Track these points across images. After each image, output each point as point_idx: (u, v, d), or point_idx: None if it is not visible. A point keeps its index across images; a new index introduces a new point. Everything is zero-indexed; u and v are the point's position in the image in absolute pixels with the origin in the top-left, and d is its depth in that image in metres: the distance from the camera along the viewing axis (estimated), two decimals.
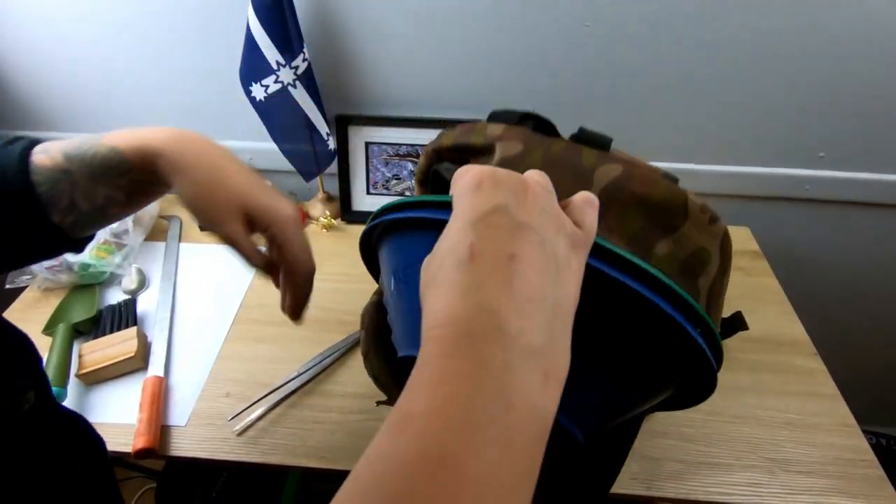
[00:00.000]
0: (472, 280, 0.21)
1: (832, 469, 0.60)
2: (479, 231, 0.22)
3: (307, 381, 0.70)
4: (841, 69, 0.80)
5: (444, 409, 0.18)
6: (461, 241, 0.22)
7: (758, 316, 0.79)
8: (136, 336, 0.71)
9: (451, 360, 0.19)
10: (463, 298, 0.20)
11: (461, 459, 0.17)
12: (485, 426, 0.18)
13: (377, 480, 0.18)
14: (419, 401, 0.19)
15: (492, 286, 0.20)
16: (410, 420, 0.19)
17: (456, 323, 0.20)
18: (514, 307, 0.20)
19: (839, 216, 0.96)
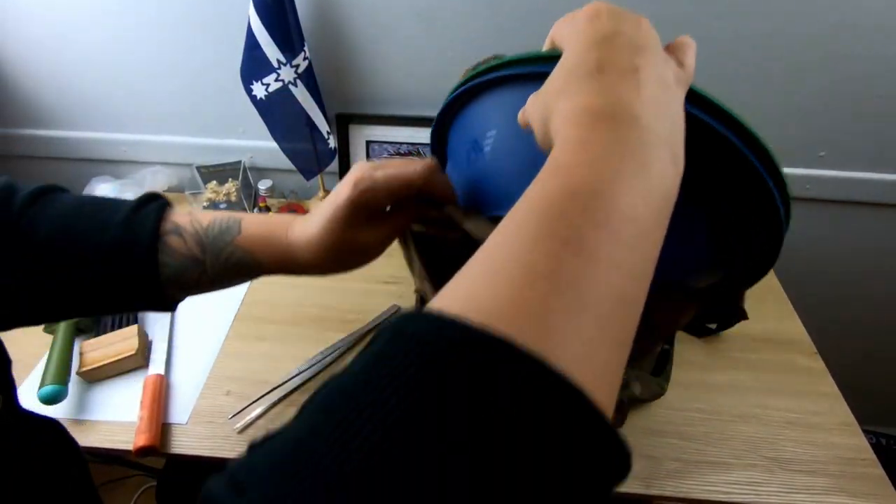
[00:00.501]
0: (603, 85, 0.23)
1: (832, 468, 0.60)
2: (603, 49, 0.24)
3: (308, 378, 0.70)
4: (842, 67, 0.80)
5: (592, 163, 0.21)
6: (588, 57, 0.24)
7: (758, 315, 0.78)
8: (136, 334, 0.71)
9: (594, 133, 0.22)
10: (599, 96, 0.23)
11: (609, 195, 0.20)
12: (628, 178, 0.21)
13: (530, 214, 0.20)
14: (565, 156, 0.22)
15: (623, 88, 0.23)
16: (558, 169, 0.22)
17: (594, 111, 0.23)
18: (645, 104, 0.23)
19: (840, 216, 0.96)
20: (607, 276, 0.19)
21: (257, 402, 0.66)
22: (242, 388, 0.68)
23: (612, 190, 0.20)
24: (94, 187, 0.93)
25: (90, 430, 0.64)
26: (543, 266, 0.18)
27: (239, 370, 0.71)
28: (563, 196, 0.20)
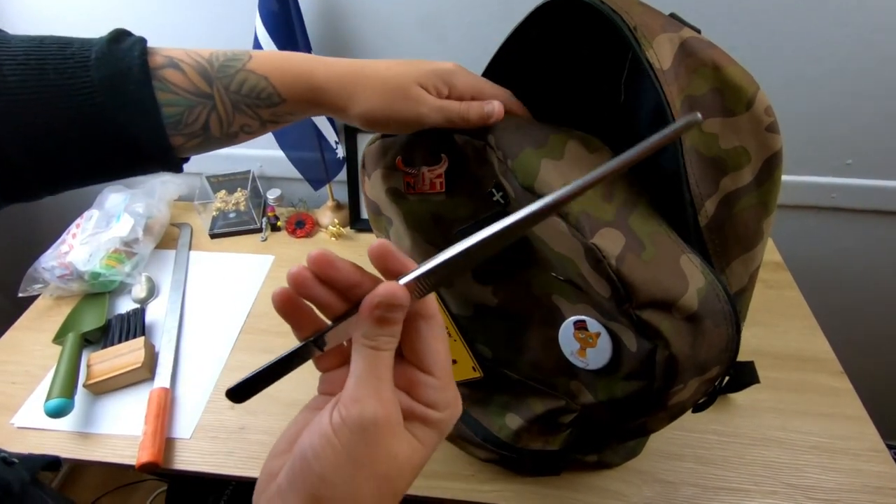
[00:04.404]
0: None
1: (860, 497, 0.57)
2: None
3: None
4: (870, 71, 0.76)
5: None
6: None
7: (780, 331, 0.76)
8: (143, 346, 0.71)
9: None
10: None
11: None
12: None
13: None
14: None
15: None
16: None
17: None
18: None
19: (867, 226, 0.92)
20: None
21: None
22: (247, 402, 0.67)
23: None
24: (105, 197, 0.94)
25: (95, 443, 0.64)
26: None
27: None
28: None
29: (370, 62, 0.39)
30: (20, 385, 0.70)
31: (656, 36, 0.34)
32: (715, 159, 0.35)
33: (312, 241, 0.95)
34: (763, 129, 0.36)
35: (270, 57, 0.37)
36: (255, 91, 0.36)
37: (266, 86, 0.36)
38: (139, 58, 0.34)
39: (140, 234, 0.87)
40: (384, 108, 0.38)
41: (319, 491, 0.21)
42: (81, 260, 0.80)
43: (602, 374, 0.39)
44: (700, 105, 0.35)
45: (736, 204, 0.36)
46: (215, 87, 0.36)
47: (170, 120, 0.34)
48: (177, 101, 0.35)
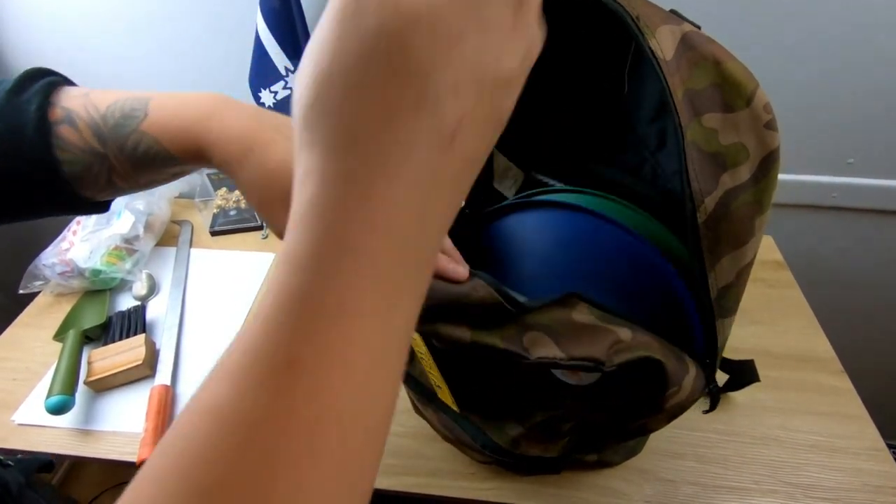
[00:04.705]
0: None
1: (859, 496, 0.57)
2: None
3: None
4: (871, 71, 0.76)
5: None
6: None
7: (780, 330, 0.76)
8: (144, 343, 0.71)
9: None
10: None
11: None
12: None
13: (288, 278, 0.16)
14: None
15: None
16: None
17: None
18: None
19: (868, 226, 0.92)
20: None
21: None
22: None
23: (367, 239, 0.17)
24: None
25: (96, 440, 0.64)
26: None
27: None
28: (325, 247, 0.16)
29: (264, 146, 0.34)
30: (21, 382, 0.70)
31: (658, 27, 0.34)
32: (715, 155, 0.35)
33: None
34: (762, 125, 0.36)
35: (167, 114, 0.35)
36: (149, 154, 0.35)
37: (160, 149, 0.35)
38: (36, 112, 0.33)
39: (141, 232, 0.87)
40: (258, 204, 0.35)
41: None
42: (82, 257, 0.80)
43: (595, 386, 0.39)
44: (700, 99, 0.35)
45: (733, 201, 0.36)
46: (109, 148, 0.34)
47: (72, 176, 0.34)
48: (74, 160, 0.34)
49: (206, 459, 0.14)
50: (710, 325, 0.39)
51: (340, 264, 0.16)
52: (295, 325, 0.15)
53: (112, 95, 0.35)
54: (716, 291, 0.38)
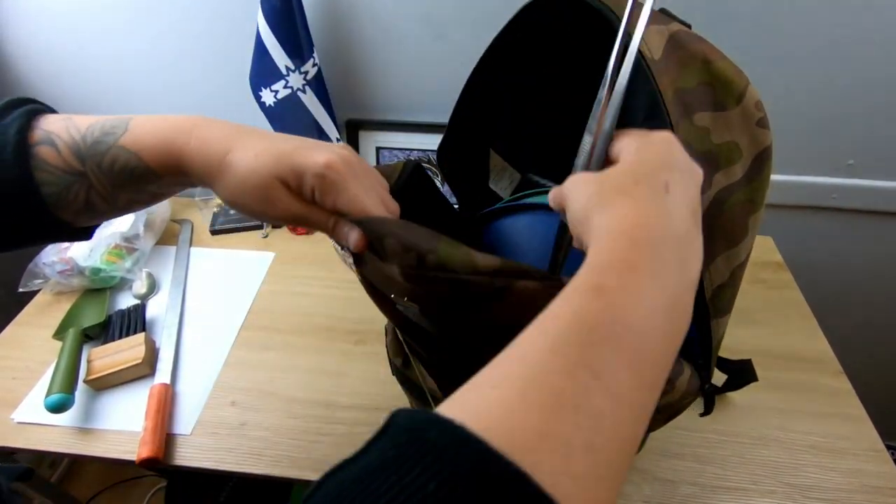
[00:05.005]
0: (665, 205, 0.26)
1: (858, 497, 0.57)
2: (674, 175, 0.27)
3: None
4: (872, 72, 0.76)
5: (633, 292, 0.22)
6: (660, 178, 0.27)
7: (780, 331, 0.76)
8: (143, 342, 0.71)
9: (635, 253, 0.24)
10: (657, 217, 0.25)
11: (644, 333, 0.21)
12: (661, 315, 0.22)
13: (568, 335, 0.21)
14: (611, 278, 0.23)
15: (677, 211, 0.26)
16: (602, 292, 0.22)
17: (644, 227, 0.25)
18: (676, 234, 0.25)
19: (868, 227, 0.92)
20: (624, 418, 0.20)
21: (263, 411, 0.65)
22: (248, 398, 0.68)
23: (647, 327, 0.21)
24: None
25: (96, 438, 0.64)
26: (572, 398, 0.19)
27: (244, 380, 0.70)
28: (600, 322, 0.21)
29: (243, 144, 0.35)
30: (20, 380, 0.70)
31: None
32: (707, 154, 0.35)
33: (313, 239, 0.95)
34: (754, 123, 0.36)
35: (146, 130, 0.35)
36: (127, 169, 0.35)
37: (138, 163, 0.35)
38: (15, 136, 0.33)
39: (141, 230, 0.87)
40: (242, 201, 0.35)
41: None
42: (82, 255, 0.80)
43: None
44: (691, 98, 0.35)
45: (727, 200, 0.36)
46: (87, 165, 0.35)
47: (50, 199, 0.34)
48: (52, 181, 0.34)
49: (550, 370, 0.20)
50: (704, 325, 0.39)
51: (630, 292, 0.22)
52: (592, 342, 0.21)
53: (94, 118, 0.36)
54: (710, 291, 0.38)
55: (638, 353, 0.21)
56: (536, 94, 0.52)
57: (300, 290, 0.84)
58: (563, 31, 0.45)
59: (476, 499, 0.16)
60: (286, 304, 0.82)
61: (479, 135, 0.55)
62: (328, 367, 0.72)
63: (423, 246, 0.31)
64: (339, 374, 0.71)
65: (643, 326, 0.21)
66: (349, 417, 0.65)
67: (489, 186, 0.58)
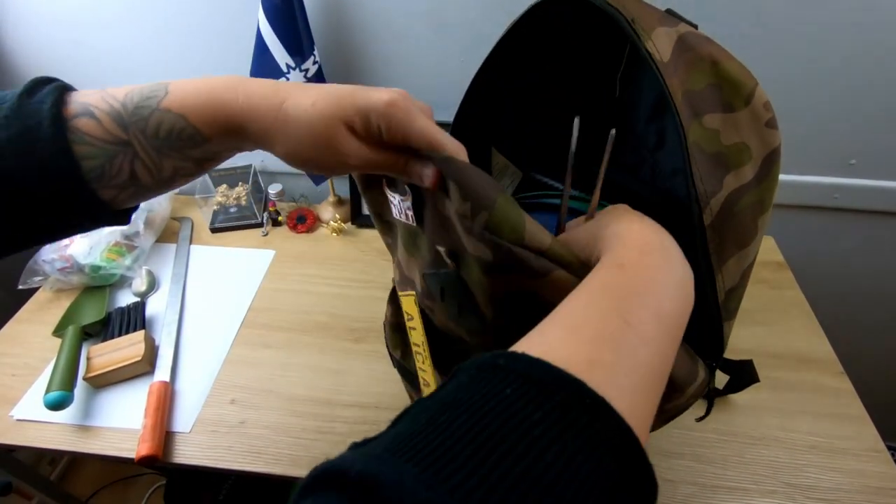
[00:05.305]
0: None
1: (859, 497, 0.57)
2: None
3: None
4: (874, 71, 0.76)
5: (649, 272, 0.28)
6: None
7: (781, 331, 0.76)
8: (143, 340, 0.71)
9: (650, 255, 0.29)
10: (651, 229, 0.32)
11: (661, 297, 0.27)
12: (672, 289, 0.28)
13: (604, 294, 0.26)
14: (631, 258, 0.29)
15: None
16: (624, 268, 0.28)
17: (649, 229, 0.31)
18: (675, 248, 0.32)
19: (870, 227, 0.91)
20: (651, 352, 0.24)
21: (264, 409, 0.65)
22: (247, 396, 0.68)
23: (660, 292, 0.27)
24: None
25: (95, 436, 0.64)
26: (609, 336, 0.24)
27: (244, 378, 0.70)
28: (626, 288, 0.26)
29: (296, 94, 0.34)
30: (20, 377, 0.70)
31: (654, 29, 0.34)
32: (717, 155, 0.35)
33: (313, 237, 0.95)
34: (763, 124, 0.36)
35: (189, 90, 0.34)
36: (174, 132, 0.33)
37: (185, 125, 0.33)
38: (50, 110, 0.31)
39: (141, 228, 0.87)
40: (306, 153, 0.34)
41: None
42: (82, 253, 0.80)
43: None
44: (700, 100, 0.35)
45: (738, 202, 0.36)
46: (131, 132, 0.33)
47: (92, 174, 0.32)
48: (94, 154, 0.32)
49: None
50: (717, 329, 0.39)
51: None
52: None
53: (129, 87, 0.34)
54: (723, 294, 0.37)
55: (659, 311, 0.26)
56: (539, 93, 0.51)
57: (300, 287, 0.84)
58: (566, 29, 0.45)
59: (546, 398, 0.19)
60: (286, 301, 0.82)
61: (482, 133, 0.54)
62: (328, 365, 0.72)
63: (480, 200, 0.31)
64: (339, 372, 0.71)
65: (661, 292, 0.27)
66: (349, 415, 0.65)
67: None
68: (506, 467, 0.17)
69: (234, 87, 0.34)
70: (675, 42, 0.35)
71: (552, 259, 0.31)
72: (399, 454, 0.18)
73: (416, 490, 0.16)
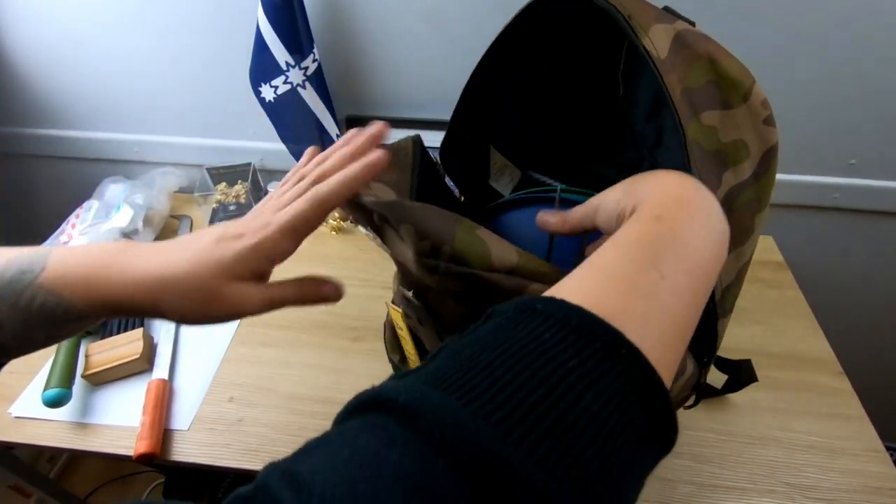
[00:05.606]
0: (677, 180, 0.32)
1: (857, 497, 0.57)
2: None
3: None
4: (874, 71, 0.76)
5: (683, 222, 0.27)
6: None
7: (780, 330, 0.76)
8: (142, 337, 0.71)
9: (683, 206, 0.29)
10: (678, 186, 0.31)
11: (693, 249, 0.26)
12: (704, 239, 0.27)
13: (637, 246, 0.26)
14: (667, 211, 0.28)
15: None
16: (660, 219, 0.28)
17: (684, 182, 0.30)
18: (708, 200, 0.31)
19: (869, 227, 0.91)
20: (682, 305, 0.25)
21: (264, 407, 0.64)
22: (245, 394, 0.68)
23: (695, 245, 0.27)
24: (106, 187, 0.94)
25: (93, 433, 0.64)
26: (644, 288, 0.24)
27: (243, 376, 0.70)
28: (662, 240, 0.26)
29: (172, 257, 0.33)
30: (18, 374, 0.70)
31: (651, 26, 0.34)
32: (716, 153, 0.35)
33: (312, 235, 0.94)
34: (760, 121, 0.36)
35: (68, 265, 0.33)
36: (47, 308, 0.32)
37: (59, 302, 0.32)
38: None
39: (140, 226, 0.87)
40: (200, 314, 0.33)
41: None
42: None
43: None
44: (698, 97, 0.35)
45: (736, 199, 0.36)
46: (3, 304, 0.32)
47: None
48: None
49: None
50: (712, 326, 0.39)
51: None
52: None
53: (14, 252, 0.34)
54: (720, 292, 0.37)
55: (693, 265, 0.26)
56: (537, 92, 0.51)
57: None
58: (564, 29, 0.45)
59: (585, 344, 0.20)
60: None
61: (481, 132, 0.54)
62: (327, 363, 0.72)
63: (439, 235, 0.31)
64: (338, 370, 0.71)
65: (697, 245, 0.27)
66: None
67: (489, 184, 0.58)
68: (544, 409, 0.18)
69: (109, 262, 0.33)
70: (673, 39, 0.34)
71: (524, 275, 0.31)
72: (442, 387, 0.19)
73: (460, 419, 0.17)
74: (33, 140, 1.02)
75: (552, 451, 0.17)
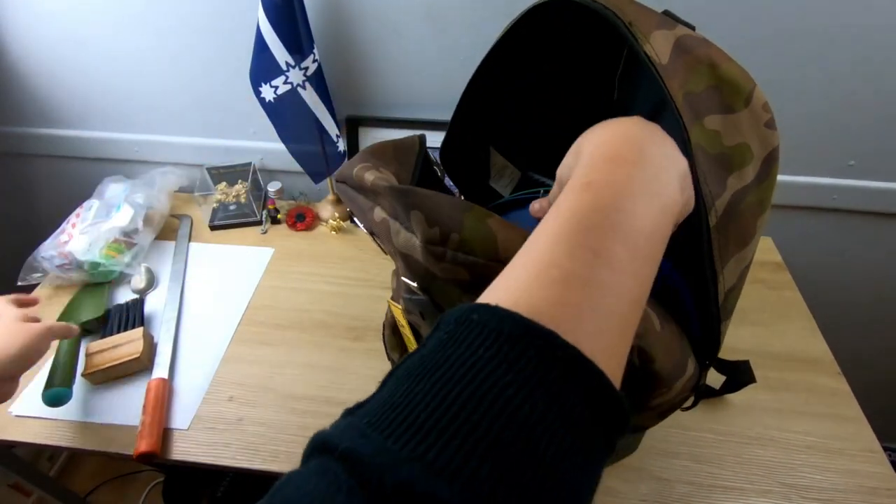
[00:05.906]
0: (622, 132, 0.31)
1: (854, 498, 0.57)
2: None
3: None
4: (873, 73, 0.76)
5: (616, 183, 0.26)
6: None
7: (778, 331, 0.76)
8: (142, 337, 0.71)
9: (618, 164, 0.27)
10: (620, 139, 0.29)
11: (630, 213, 0.25)
12: (644, 200, 0.25)
13: (566, 225, 0.24)
14: (595, 174, 0.26)
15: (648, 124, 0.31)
16: (589, 185, 0.26)
17: (616, 151, 0.28)
18: (654, 152, 0.29)
19: (868, 228, 0.91)
20: (626, 284, 0.23)
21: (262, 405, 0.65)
22: (245, 393, 0.68)
23: (633, 209, 0.25)
24: (105, 187, 0.94)
25: (93, 432, 0.64)
26: (579, 274, 0.23)
27: (242, 375, 0.70)
28: (593, 210, 0.25)
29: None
30: None
31: (652, 32, 0.34)
32: (720, 156, 0.35)
33: (312, 235, 0.95)
34: (762, 125, 0.36)
35: None
36: None
37: None
38: None
39: (140, 225, 0.87)
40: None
41: None
42: (81, 249, 0.80)
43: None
44: (700, 101, 0.35)
45: (741, 203, 0.36)
46: None
47: None
48: None
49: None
50: (716, 329, 0.39)
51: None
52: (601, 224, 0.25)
53: None
54: (723, 295, 0.37)
55: (630, 231, 0.24)
56: (537, 93, 0.51)
57: (299, 285, 0.84)
58: (564, 31, 0.45)
59: (518, 353, 0.20)
60: (285, 299, 0.82)
61: (481, 133, 0.55)
62: (326, 362, 0.72)
63: (448, 223, 0.31)
64: (338, 369, 0.71)
65: (635, 210, 0.25)
66: None
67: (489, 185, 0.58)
68: (479, 435, 0.18)
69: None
70: (673, 44, 0.35)
71: None
72: (380, 428, 0.19)
73: (396, 463, 0.17)
74: (33, 140, 1.02)
75: (489, 478, 0.17)
